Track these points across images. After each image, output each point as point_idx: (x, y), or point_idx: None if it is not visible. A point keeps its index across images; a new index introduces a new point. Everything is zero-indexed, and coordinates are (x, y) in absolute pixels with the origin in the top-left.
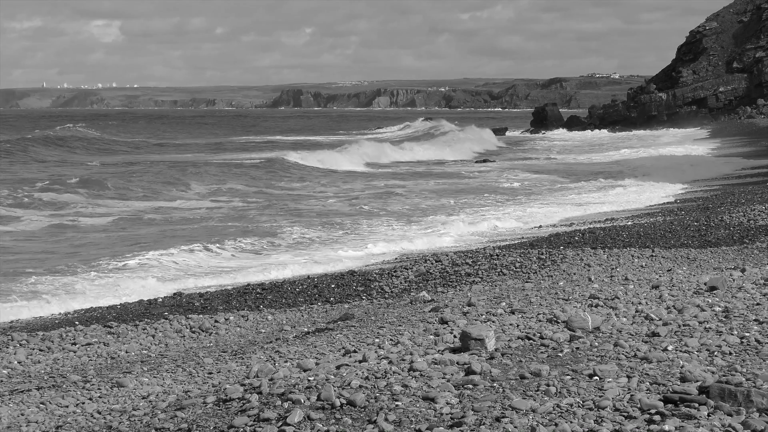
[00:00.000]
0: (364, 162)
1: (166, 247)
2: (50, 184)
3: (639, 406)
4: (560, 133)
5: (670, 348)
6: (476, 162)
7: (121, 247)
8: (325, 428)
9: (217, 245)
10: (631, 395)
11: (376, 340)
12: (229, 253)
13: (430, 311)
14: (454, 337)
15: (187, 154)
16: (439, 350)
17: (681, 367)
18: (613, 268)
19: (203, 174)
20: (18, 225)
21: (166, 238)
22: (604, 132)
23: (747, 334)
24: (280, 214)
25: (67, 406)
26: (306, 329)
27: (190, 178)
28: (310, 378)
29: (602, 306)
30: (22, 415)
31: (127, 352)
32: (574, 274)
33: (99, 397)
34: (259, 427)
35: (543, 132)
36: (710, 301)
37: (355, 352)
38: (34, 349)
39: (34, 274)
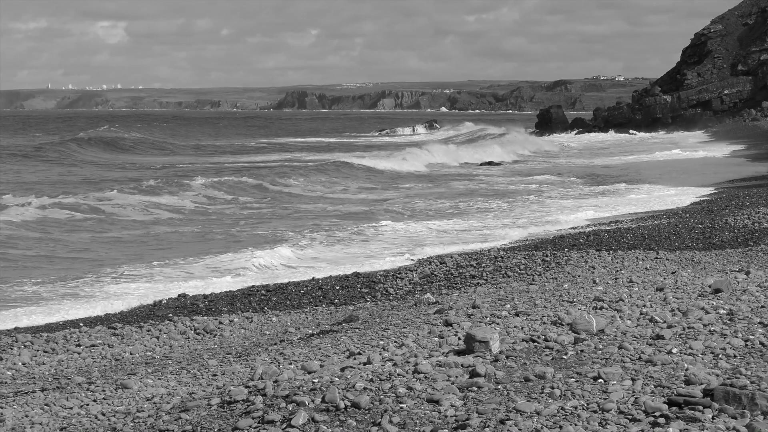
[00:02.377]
0: (426, 164)
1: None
2: (104, 186)
3: (643, 408)
4: (566, 136)
5: (674, 350)
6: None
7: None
8: (330, 430)
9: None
10: (636, 398)
11: (381, 342)
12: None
13: (434, 313)
14: (459, 339)
15: (237, 155)
16: (443, 352)
17: (685, 370)
18: (617, 271)
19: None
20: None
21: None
22: (611, 134)
23: (751, 337)
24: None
25: (71, 408)
26: (310, 331)
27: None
28: (314, 380)
29: (606, 308)
30: (27, 416)
31: (131, 354)
32: (579, 276)
33: (103, 398)
34: (264, 429)
35: (548, 134)
36: (715, 303)
37: (359, 354)
38: (38, 350)
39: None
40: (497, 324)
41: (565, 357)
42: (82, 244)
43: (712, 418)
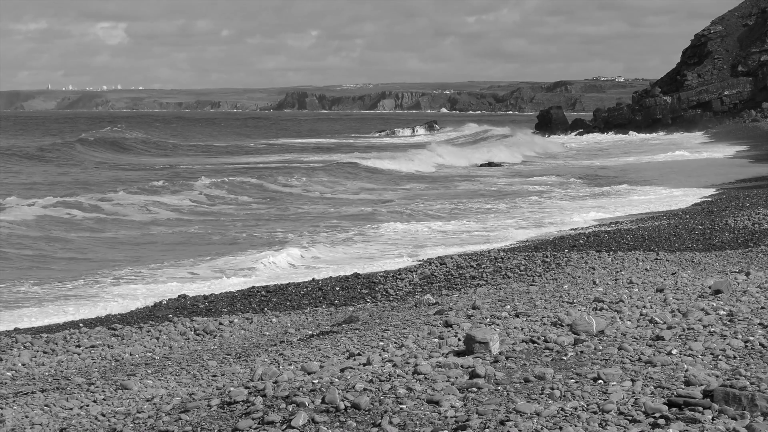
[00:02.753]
0: (434, 165)
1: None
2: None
3: (643, 409)
4: (566, 137)
5: (674, 352)
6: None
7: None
8: (330, 431)
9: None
10: (636, 399)
11: (381, 343)
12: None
13: (434, 314)
14: (459, 340)
15: (241, 156)
16: (443, 353)
17: (685, 371)
18: (617, 272)
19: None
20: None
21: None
22: (611, 135)
23: (751, 338)
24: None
25: (71, 409)
26: (310, 332)
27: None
28: (314, 381)
29: (606, 309)
30: (27, 417)
31: (131, 355)
32: (579, 277)
33: (103, 399)
34: (264, 429)
35: (548, 135)
36: (715, 304)
37: (359, 355)
38: (38, 351)
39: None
40: (497, 325)
41: (564, 358)
42: (87, 244)
43: (712, 419)
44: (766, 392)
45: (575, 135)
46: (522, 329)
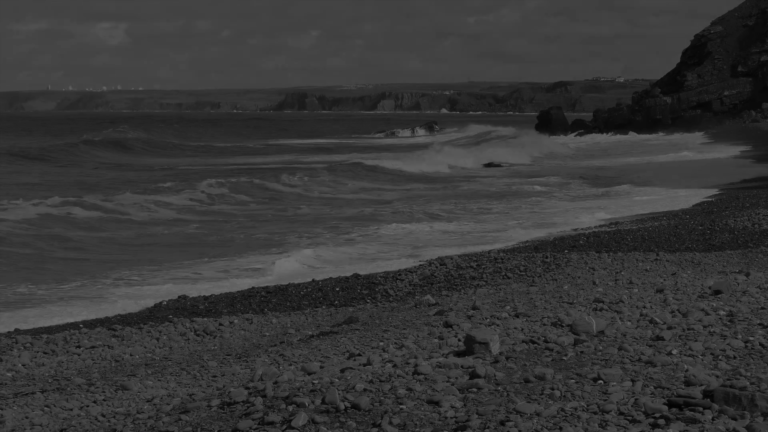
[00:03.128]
0: (441, 166)
1: None
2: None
3: (643, 410)
4: (566, 138)
5: (674, 352)
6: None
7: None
8: (330, 431)
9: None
10: (636, 399)
11: (381, 343)
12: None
13: (434, 315)
14: (459, 340)
15: (248, 156)
16: (443, 354)
17: (685, 371)
18: (617, 272)
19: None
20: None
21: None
22: (612, 136)
23: (751, 338)
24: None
25: (71, 409)
26: (310, 332)
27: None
28: (314, 381)
29: (607, 310)
30: (27, 418)
31: (131, 355)
32: (579, 277)
33: (103, 400)
34: (264, 430)
35: (548, 136)
36: (715, 305)
37: (359, 355)
38: (38, 351)
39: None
40: (497, 325)
41: (565, 358)
42: (91, 244)
43: (712, 419)
44: (766, 392)
45: (575, 135)
46: (522, 330)
